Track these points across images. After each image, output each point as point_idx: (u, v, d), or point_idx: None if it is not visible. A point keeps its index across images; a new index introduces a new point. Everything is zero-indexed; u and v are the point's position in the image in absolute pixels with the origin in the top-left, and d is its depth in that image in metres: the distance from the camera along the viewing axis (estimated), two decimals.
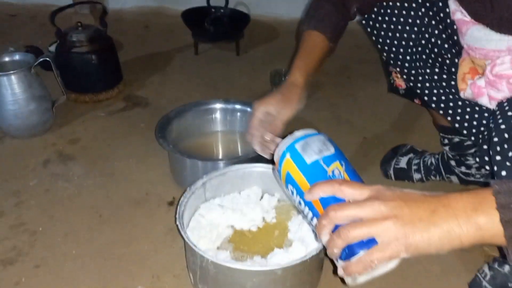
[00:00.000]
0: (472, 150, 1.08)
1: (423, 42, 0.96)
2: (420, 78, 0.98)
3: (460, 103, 0.93)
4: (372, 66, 1.79)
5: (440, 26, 0.93)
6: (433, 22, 0.93)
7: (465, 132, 0.94)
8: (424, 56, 0.97)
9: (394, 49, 0.99)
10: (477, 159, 0.84)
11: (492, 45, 0.78)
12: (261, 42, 2.10)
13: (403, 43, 0.98)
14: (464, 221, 0.49)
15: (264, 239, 0.94)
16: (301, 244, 0.86)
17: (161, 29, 2.23)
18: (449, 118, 0.95)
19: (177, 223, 0.83)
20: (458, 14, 0.84)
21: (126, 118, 1.54)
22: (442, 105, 0.95)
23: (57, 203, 1.17)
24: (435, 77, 0.96)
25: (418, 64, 0.97)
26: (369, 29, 1.02)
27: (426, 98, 0.97)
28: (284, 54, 1.77)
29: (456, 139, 1.08)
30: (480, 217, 0.48)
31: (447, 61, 0.95)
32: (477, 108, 0.92)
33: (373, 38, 1.03)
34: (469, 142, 1.07)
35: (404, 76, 1.01)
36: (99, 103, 1.61)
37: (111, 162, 1.32)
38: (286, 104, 0.92)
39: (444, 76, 0.95)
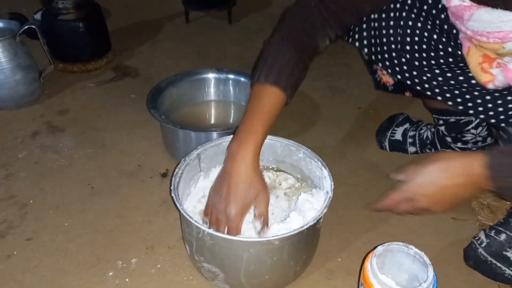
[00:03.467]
0: (469, 127, 1.07)
1: (415, 39, 0.89)
2: (420, 76, 0.92)
3: (469, 90, 0.88)
4: None
5: (429, 21, 0.86)
6: (421, 19, 0.87)
7: (476, 114, 0.89)
8: (418, 54, 0.90)
9: (385, 55, 0.93)
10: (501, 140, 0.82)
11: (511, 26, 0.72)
12: (254, 10, 2.05)
13: (392, 46, 0.91)
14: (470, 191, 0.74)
15: None
16: (298, 214, 0.85)
17: None
18: (460, 107, 0.89)
19: (172, 194, 0.82)
20: (455, 0, 0.77)
21: (116, 88, 1.50)
22: (448, 95, 0.90)
23: (48, 175, 1.15)
24: (437, 71, 0.90)
25: (414, 63, 0.91)
26: (346, 38, 0.97)
27: (429, 92, 0.92)
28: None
29: (452, 119, 1.07)
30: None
31: (444, 53, 0.88)
32: (485, 91, 0.87)
33: (357, 45, 0.96)
34: (465, 120, 1.06)
35: (399, 76, 0.94)
36: (88, 73, 1.57)
37: (101, 133, 1.29)
38: (260, 196, 0.81)
39: (446, 69, 0.89)
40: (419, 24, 0.87)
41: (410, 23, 0.88)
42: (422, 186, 0.75)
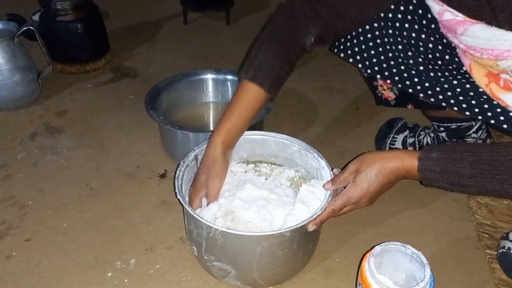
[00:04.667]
0: (471, 132, 1.07)
1: (412, 49, 0.90)
2: (422, 86, 0.91)
3: (475, 98, 0.87)
4: None
5: (424, 29, 0.86)
6: (416, 27, 0.87)
7: (485, 120, 0.87)
8: (423, 67, 0.90)
9: (382, 65, 0.94)
10: None
11: (507, 45, 0.72)
12: (252, 10, 2.05)
13: (391, 61, 0.92)
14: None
15: None
16: (303, 205, 0.86)
17: None
18: (467, 113, 0.88)
19: (178, 197, 0.83)
20: (448, 14, 0.77)
21: (115, 89, 1.50)
22: (452, 101, 0.89)
23: (46, 176, 1.15)
24: (442, 79, 0.89)
25: (416, 73, 0.91)
26: (342, 55, 0.97)
27: (433, 99, 0.91)
28: None
29: (454, 126, 1.07)
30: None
31: (444, 61, 0.88)
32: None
33: (352, 61, 0.97)
34: (466, 125, 1.06)
35: (400, 85, 0.94)
36: (86, 74, 1.58)
37: (100, 134, 1.30)
38: (213, 181, 0.89)
39: (451, 77, 0.89)
40: (423, 36, 0.87)
41: (413, 34, 0.88)
42: (364, 190, 0.81)
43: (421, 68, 0.90)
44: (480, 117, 0.85)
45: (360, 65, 0.96)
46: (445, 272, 0.91)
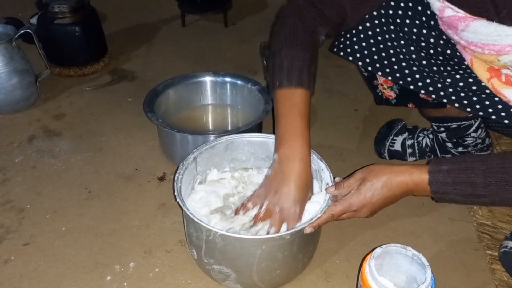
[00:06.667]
0: (470, 131, 1.07)
1: (414, 44, 0.89)
2: (423, 83, 0.91)
3: (477, 92, 0.87)
4: None
5: (425, 24, 0.87)
6: (417, 22, 0.87)
7: (487, 116, 0.87)
8: (426, 61, 0.90)
9: (383, 62, 0.93)
10: None
11: (509, 40, 0.72)
12: (250, 13, 2.05)
13: (393, 58, 0.92)
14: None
15: None
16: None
17: (146, 0, 2.17)
18: (468, 109, 0.87)
19: (178, 200, 0.82)
20: (449, 11, 0.77)
21: (113, 92, 1.50)
22: (453, 97, 0.88)
23: (45, 180, 1.14)
24: (446, 77, 0.89)
25: (417, 69, 0.91)
26: (342, 53, 0.97)
27: (435, 96, 0.90)
28: None
29: (454, 126, 1.07)
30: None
31: (446, 56, 0.88)
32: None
33: (352, 59, 0.96)
34: (466, 124, 1.06)
35: (401, 82, 0.93)
36: (84, 77, 1.57)
37: (98, 137, 1.29)
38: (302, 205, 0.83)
39: (453, 72, 0.88)
40: (424, 31, 0.87)
41: (415, 30, 0.87)
42: (367, 200, 0.80)
43: (424, 62, 0.89)
44: (481, 113, 0.85)
45: (361, 63, 0.95)
46: (445, 273, 0.91)
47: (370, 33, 0.92)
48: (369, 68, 0.95)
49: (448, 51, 0.85)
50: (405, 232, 1.00)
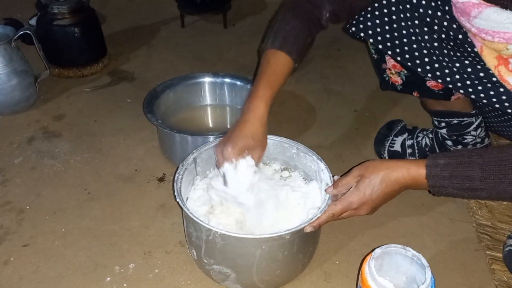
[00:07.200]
0: (470, 129, 1.07)
1: (428, 26, 0.88)
2: (431, 66, 0.91)
3: (483, 80, 0.86)
4: None
5: (440, 7, 0.85)
6: (432, 4, 0.85)
7: (490, 104, 0.87)
8: (433, 42, 0.89)
9: (395, 42, 0.92)
10: None
11: None
12: (249, 13, 2.05)
13: (404, 39, 0.91)
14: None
15: None
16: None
17: (145, 1, 2.17)
18: (472, 96, 0.87)
19: (178, 200, 0.82)
20: None
21: (112, 93, 1.50)
22: (459, 84, 0.88)
23: (44, 181, 1.14)
24: (455, 61, 0.89)
25: (427, 52, 0.90)
26: (354, 29, 0.94)
27: (441, 81, 0.90)
28: None
29: (455, 121, 1.07)
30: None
31: (457, 41, 0.87)
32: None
33: (364, 35, 0.94)
34: (467, 121, 1.06)
35: (409, 64, 0.93)
36: (84, 78, 1.57)
37: (98, 138, 1.29)
38: (256, 149, 0.89)
39: (462, 58, 0.88)
40: (439, 13, 0.85)
41: (429, 12, 0.86)
42: (367, 197, 0.80)
43: (436, 45, 0.89)
44: (484, 101, 0.85)
45: (372, 40, 0.94)
46: (445, 274, 0.91)
47: (385, 11, 0.91)
48: (380, 46, 0.94)
49: (460, 36, 0.85)
50: (404, 233, 1.00)
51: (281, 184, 0.95)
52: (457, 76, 0.88)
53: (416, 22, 0.89)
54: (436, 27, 0.87)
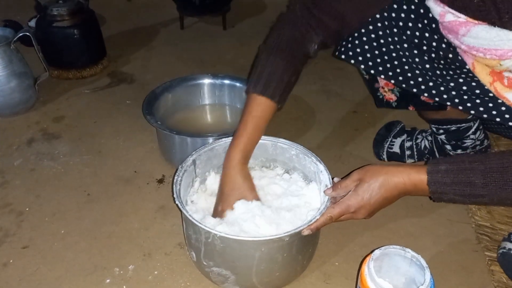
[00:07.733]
0: (469, 133, 1.07)
1: (417, 47, 0.89)
2: (426, 86, 0.91)
3: (480, 96, 0.86)
4: None
5: (427, 28, 0.86)
6: (419, 25, 0.86)
7: (491, 118, 0.87)
8: (424, 63, 0.90)
9: (386, 65, 0.93)
10: None
11: (511, 45, 0.72)
12: (248, 15, 2.06)
13: (395, 61, 0.92)
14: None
15: None
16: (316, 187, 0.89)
17: (145, 3, 2.18)
18: (472, 112, 0.87)
19: (177, 202, 0.82)
20: (449, 16, 0.76)
21: (112, 95, 1.50)
22: (456, 100, 0.88)
23: (44, 183, 1.14)
24: (449, 81, 0.89)
25: (420, 72, 0.91)
26: (344, 56, 0.96)
27: (438, 99, 0.91)
28: None
29: (453, 128, 1.07)
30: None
31: (448, 59, 0.87)
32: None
33: (354, 62, 0.95)
34: (466, 126, 1.06)
35: (404, 85, 0.93)
36: (83, 79, 1.57)
37: (97, 140, 1.29)
38: (247, 196, 0.89)
39: (455, 76, 0.88)
40: (426, 34, 0.86)
41: (417, 33, 0.87)
42: (365, 201, 0.80)
43: (427, 66, 0.89)
44: (485, 116, 0.85)
45: (363, 66, 0.95)
46: (444, 275, 0.91)
47: (372, 36, 0.92)
48: (372, 72, 0.95)
49: (450, 55, 0.85)
50: (404, 234, 1.00)
51: (284, 187, 0.96)
52: (454, 93, 0.88)
53: (405, 45, 0.90)
54: (425, 47, 0.88)
